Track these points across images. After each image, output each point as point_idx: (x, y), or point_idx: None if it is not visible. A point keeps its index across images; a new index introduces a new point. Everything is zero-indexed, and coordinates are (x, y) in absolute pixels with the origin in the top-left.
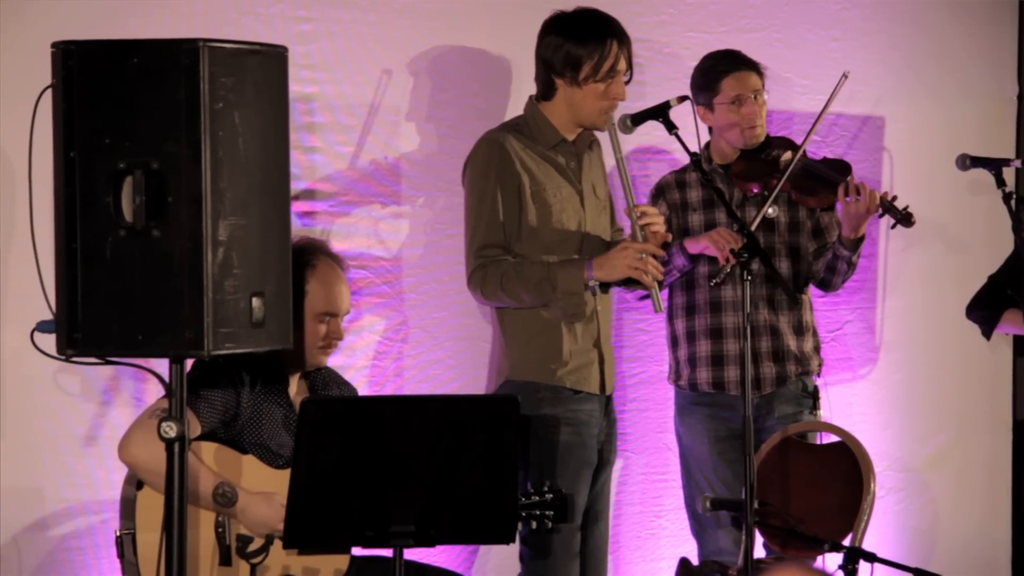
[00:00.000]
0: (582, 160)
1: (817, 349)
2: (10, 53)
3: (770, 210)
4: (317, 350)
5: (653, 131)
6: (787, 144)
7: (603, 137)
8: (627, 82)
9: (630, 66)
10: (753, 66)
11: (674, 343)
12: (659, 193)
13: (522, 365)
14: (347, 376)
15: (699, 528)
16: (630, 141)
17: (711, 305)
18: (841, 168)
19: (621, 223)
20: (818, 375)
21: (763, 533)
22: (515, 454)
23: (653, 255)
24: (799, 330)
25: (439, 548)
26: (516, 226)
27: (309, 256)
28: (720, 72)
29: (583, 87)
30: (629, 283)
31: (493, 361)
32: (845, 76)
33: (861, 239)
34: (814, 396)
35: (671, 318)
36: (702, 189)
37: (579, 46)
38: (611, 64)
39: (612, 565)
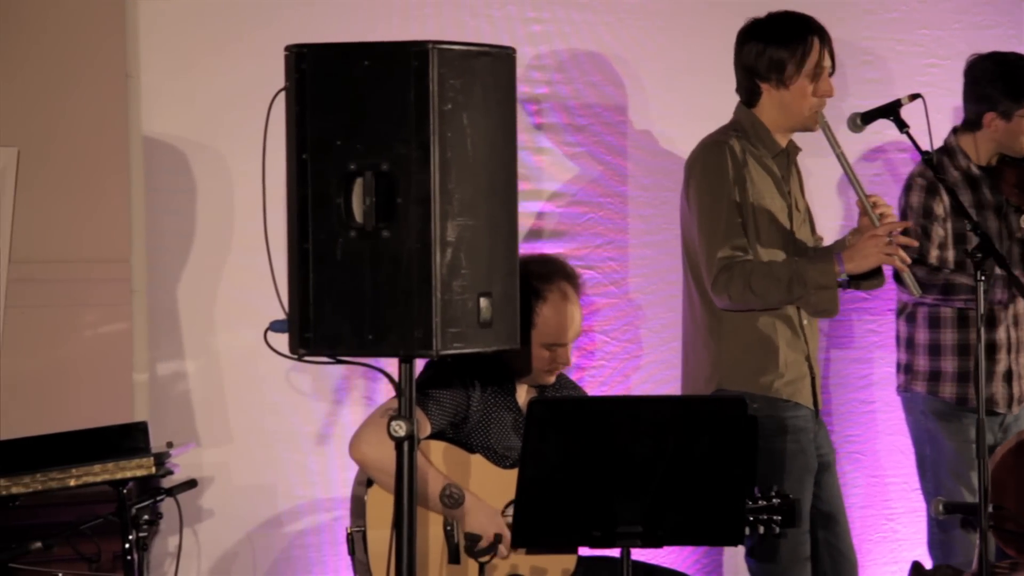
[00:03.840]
0: (790, 171)
1: None
2: (243, 57)
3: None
4: (543, 373)
5: (884, 130)
6: None
7: (810, 137)
8: (830, 75)
9: (834, 62)
10: None
11: (909, 346)
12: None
13: (736, 375)
14: (575, 377)
15: (936, 530)
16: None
17: (958, 320)
18: None
19: (820, 233)
20: None
21: (998, 537)
22: (743, 455)
23: (901, 236)
24: None
25: (668, 548)
26: (747, 229)
27: (542, 284)
28: None
29: (790, 88)
30: (861, 280)
31: (695, 366)
32: None
33: None
34: None
35: (911, 320)
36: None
37: (781, 47)
38: (815, 60)
39: None
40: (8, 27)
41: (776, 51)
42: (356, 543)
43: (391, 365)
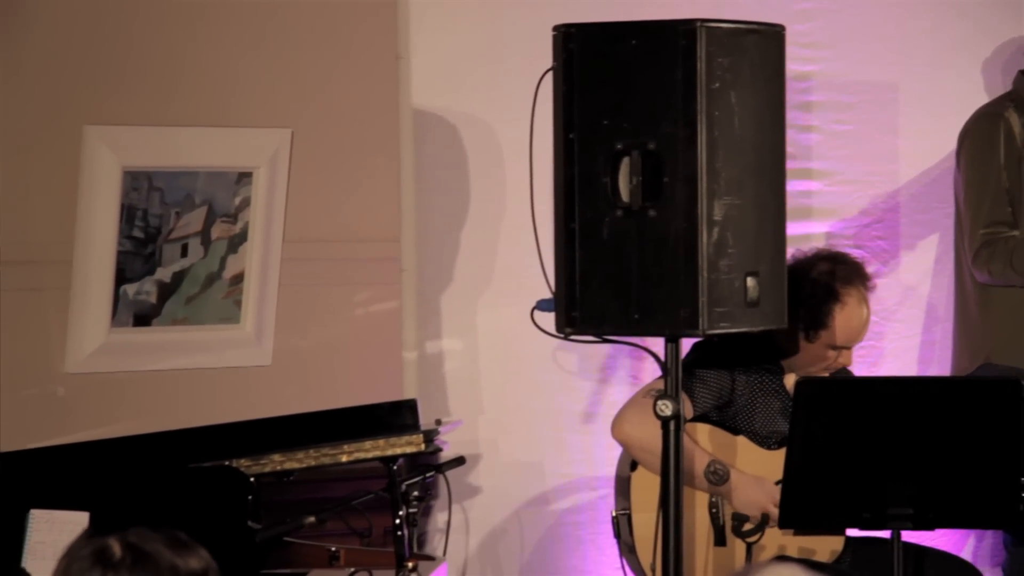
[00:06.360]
0: None
1: None
2: (512, 37)
3: None
4: (820, 370)
5: None
6: None
7: None
8: None
9: None
10: None
11: None
12: None
13: (1004, 349)
14: None
15: None
16: None
17: None
18: None
19: None
20: None
21: None
22: (1017, 436)
23: None
24: None
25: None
26: (1019, 204)
27: (842, 287)
28: None
29: None
30: None
31: (963, 339)
32: None
33: None
34: None
35: None
36: None
37: None
38: None
39: None
40: (284, 13)
41: None
42: (621, 526)
43: (656, 344)
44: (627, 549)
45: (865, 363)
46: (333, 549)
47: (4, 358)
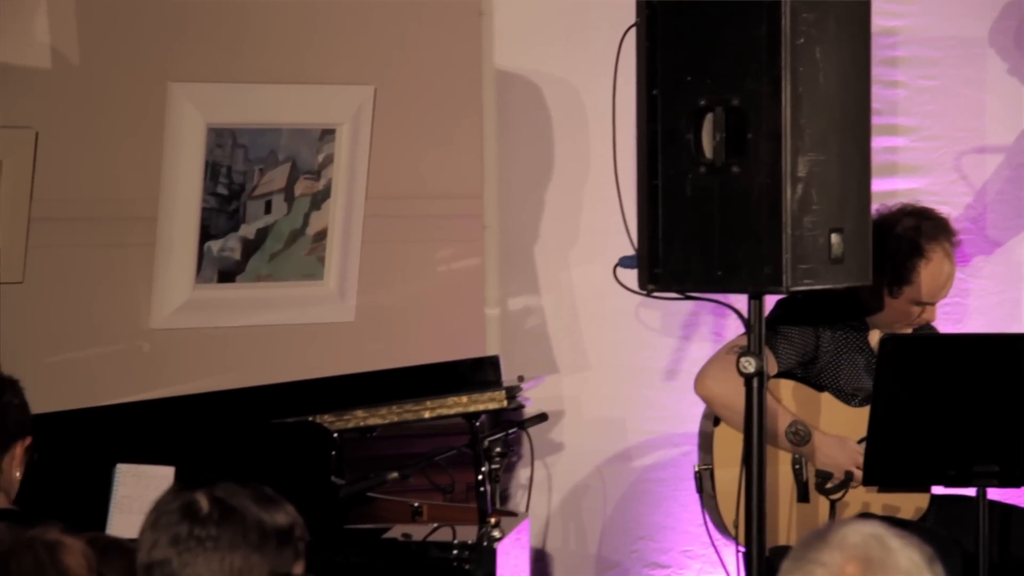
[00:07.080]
0: None
1: None
2: None
3: None
4: (903, 326)
5: None
6: None
7: None
8: None
9: None
10: None
11: None
12: None
13: None
14: None
15: None
16: None
17: None
18: None
19: None
20: None
21: None
22: None
23: None
24: None
25: None
26: None
27: (928, 243)
28: None
29: None
30: None
31: None
32: None
33: None
34: None
35: None
36: None
37: None
38: None
39: None
40: None
41: None
42: (704, 481)
43: (740, 301)
44: (710, 504)
45: (950, 320)
46: (416, 505)
47: (90, 314)
